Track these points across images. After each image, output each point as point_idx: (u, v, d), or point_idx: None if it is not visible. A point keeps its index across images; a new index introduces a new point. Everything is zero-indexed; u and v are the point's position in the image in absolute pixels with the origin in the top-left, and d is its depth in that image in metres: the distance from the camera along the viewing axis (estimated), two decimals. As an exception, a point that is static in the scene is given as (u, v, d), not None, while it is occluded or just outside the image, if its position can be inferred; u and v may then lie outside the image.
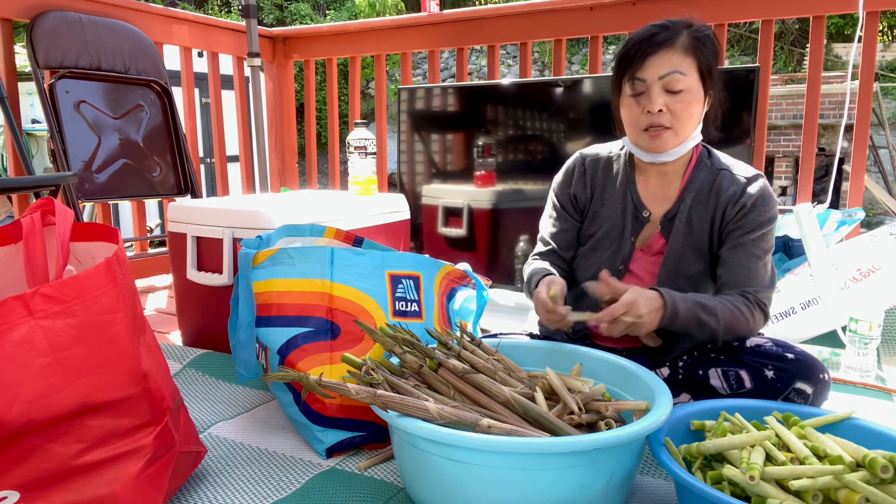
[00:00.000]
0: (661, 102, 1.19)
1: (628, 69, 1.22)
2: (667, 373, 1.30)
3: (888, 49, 9.28)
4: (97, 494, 0.89)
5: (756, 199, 1.24)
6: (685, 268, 1.28)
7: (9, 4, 2.17)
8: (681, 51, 1.19)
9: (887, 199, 6.01)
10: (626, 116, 1.26)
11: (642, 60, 1.20)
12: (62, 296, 0.87)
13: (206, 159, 6.32)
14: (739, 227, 1.24)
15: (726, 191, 1.26)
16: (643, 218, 1.32)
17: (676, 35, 1.19)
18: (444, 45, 2.83)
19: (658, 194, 1.32)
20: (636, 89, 1.22)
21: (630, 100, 1.23)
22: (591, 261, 1.36)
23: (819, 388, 1.15)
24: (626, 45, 1.24)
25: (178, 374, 1.64)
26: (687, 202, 1.28)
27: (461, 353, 1.14)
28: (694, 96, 1.20)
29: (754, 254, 1.23)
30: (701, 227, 1.28)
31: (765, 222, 1.24)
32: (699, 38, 1.20)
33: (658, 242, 1.32)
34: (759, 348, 1.20)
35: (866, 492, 0.82)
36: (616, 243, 1.33)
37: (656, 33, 1.20)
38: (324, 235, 1.57)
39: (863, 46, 2.10)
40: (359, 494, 1.07)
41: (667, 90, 1.19)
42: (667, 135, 1.21)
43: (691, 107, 1.21)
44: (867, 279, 1.78)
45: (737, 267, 1.23)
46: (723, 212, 1.26)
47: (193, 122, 2.83)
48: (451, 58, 10.92)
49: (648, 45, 1.19)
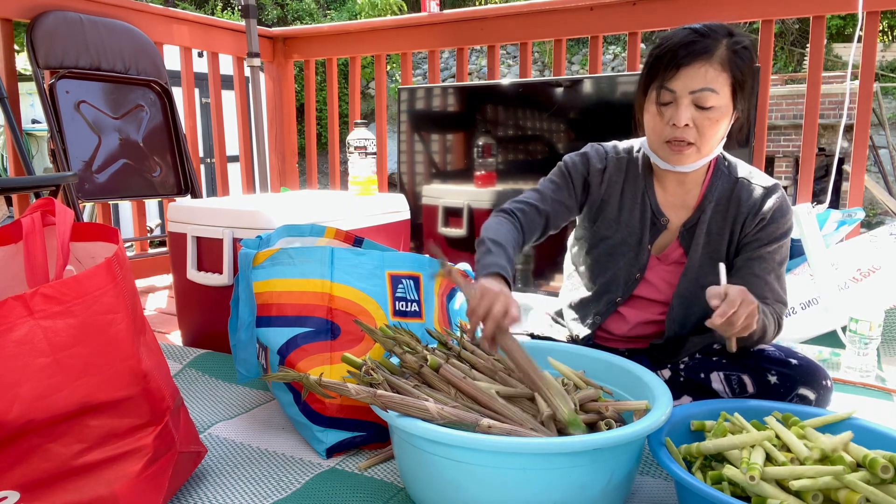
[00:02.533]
0: (688, 117, 1.14)
1: (659, 76, 1.15)
2: (668, 375, 1.30)
3: (888, 49, 9.28)
4: (97, 494, 0.89)
5: (775, 212, 1.22)
6: (703, 279, 1.25)
7: (9, 4, 2.17)
8: (717, 65, 1.12)
9: (887, 199, 6.01)
10: (650, 123, 1.21)
11: (675, 70, 1.13)
12: (62, 296, 0.87)
13: (206, 159, 6.32)
14: (757, 239, 1.22)
15: (746, 201, 1.23)
16: (661, 225, 1.29)
17: (715, 46, 1.12)
18: (445, 45, 2.83)
19: (676, 202, 1.29)
20: (663, 99, 1.16)
21: (656, 108, 1.18)
22: (608, 266, 1.32)
23: (822, 395, 1.15)
24: (661, 47, 1.16)
25: (178, 374, 1.64)
26: (707, 212, 1.25)
27: (461, 353, 1.14)
28: (723, 113, 1.15)
29: (770, 267, 1.21)
30: (720, 237, 1.26)
31: (782, 235, 1.22)
32: (739, 53, 1.13)
33: (676, 252, 1.29)
34: (763, 353, 1.20)
35: (866, 492, 0.82)
36: (634, 250, 1.30)
37: (694, 42, 1.12)
38: (324, 235, 1.57)
39: (863, 46, 2.10)
40: (359, 494, 1.07)
41: (696, 105, 1.13)
42: (689, 151, 1.17)
43: (718, 124, 1.15)
44: (867, 279, 1.78)
45: (752, 279, 1.21)
46: (742, 223, 1.23)
47: (193, 122, 2.83)
48: (451, 58, 10.92)
49: (685, 54, 1.12)
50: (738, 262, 1.24)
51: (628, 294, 1.31)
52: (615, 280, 1.31)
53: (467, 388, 1.01)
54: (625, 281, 1.30)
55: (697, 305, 1.26)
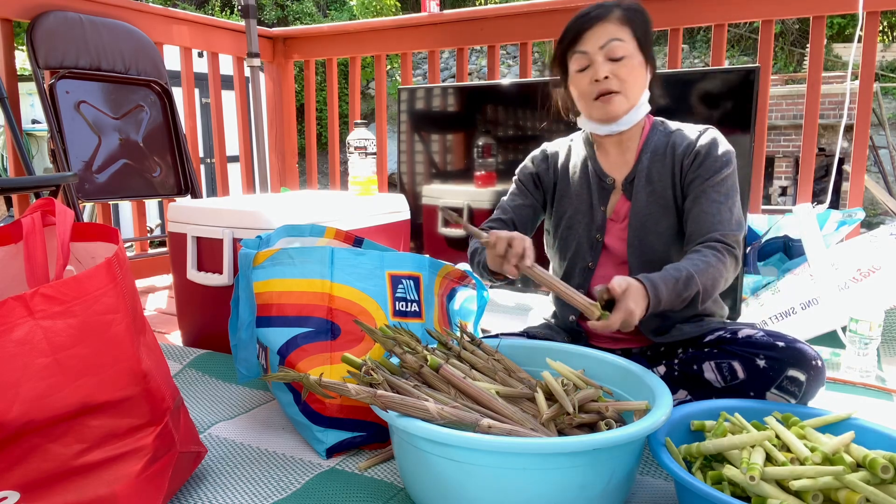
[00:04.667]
0: (607, 70, 1.25)
1: (570, 46, 1.29)
2: (663, 371, 1.30)
3: (888, 49, 9.28)
4: (97, 495, 0.89)
5: (709, 145, 1.29)
6: (652, 226, 1.31)
7: (9, 4, 2.17)
8: (615, 22, 1.26)
9: (887, 199, 6.01)
10: (577, 92, 1.32)
11: (581, 35, 1.27)
12: (62, 296, 0.87)
13: (206, 159, 6.32)
14: (698, 175, 1.28)
15: (680, 145, 1.31)
16: (608, 185, 1.36)
17: (608, 11, 1.27)
18: (445, 46, 2.83)
19: (618, 162, 1.37)
20: (580, 64, 1.28)
21: (578, 75, 1.29)
22: (571, 238, 1.39)
23: (812, 375, 1.14)
24: (564, 30, 1.31)
25: (178, 374, 1.64)
26: (644, 162, 1.33)
27: (461, 353, 1.14)
28: (636, 61, 1.27)
29: (716, 199, 1.26)
30: (662, 183, 1.32)
31: (721, 166, 1.27)
32: (630, 9, 1.28)
33: (624, 207, 1.35)
34: (751, 339, 1.21)
35: (867, 492, 0.82)
36: (588, 215, 1.37)
37: (589, 12, 1.28)
38: (324, 236, 1.57)
39: (863, 46, 2.10)
40: (359, 495, 1.07)
41: (609, 58, 1.25)
42: (618, 99, 1.26)
43: (635, 70, 1.27)
44: (867, 279, 1.78)
45: (701, 215, 1.26)
46: (680, 164, 1.31)
47: (193, 122, 2.83)
48: (451, 58, 10.92)
49: (584, 20, 1.27)
50: (687, 205, 1.29)
51: (597, 259, 1.37)
52: (580, 248, 1.38)
53: (467, 389, 1.01)
54: (589, 246, 1.37)
55: (651, 253, 1.31)
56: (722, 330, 1.26)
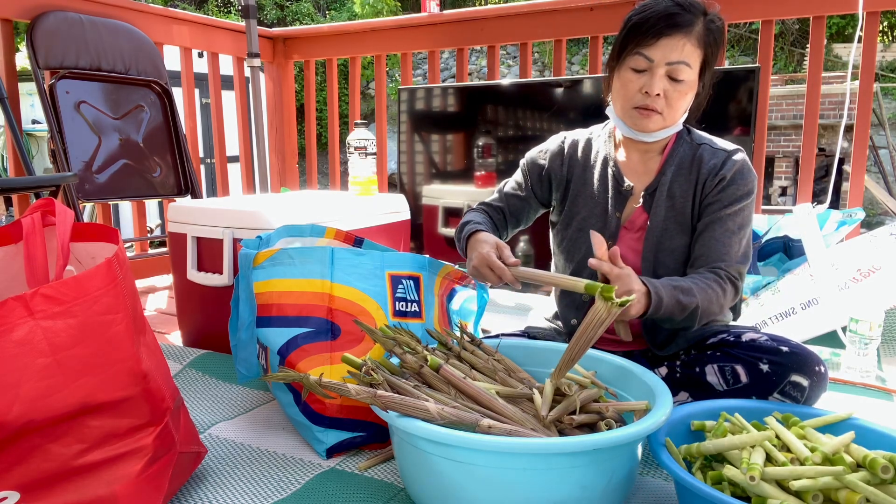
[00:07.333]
0: (661, 87, 1.18)
1: (637, 42, 1.18)
2: (665, 372, 1.30)
3: (888, 49, 9.28)
4: (97, 495, 0.89)
5: (735, 173, 1.25)
6: (668, 242, 1.28)
7: (9, 5, 2.17)
8: (694, 40, 1.17)
9: (887, 199, 6.01)
10: (620, 89, 1.24)
11: (655, 39, 1.16)
12: (62, 296, 0.87)
13: (206, 159, 6.32)
14: (717, 200, 1.25)
15: (707, 163, 1.27)
16: (625, 191, 1.31)
17: (695, 21, 1.17)
18: (445, 46, 2.83)
19: (639, 169, 1.32)
20: (639, 66, 1.19)
21: (630, 73, 1.21)
22: (582, 242, 1.35)
23: (815, 381, 1.14)
24: (641, 14, 1.19)
25: (178, 374, 1.64)
26: (668, 175, 1.29)
27: (461, 353, 1.14)
28: (690, 87, 1.22)
29: (730, 229, 1.24)
30: (683, 199, 1.28)
31: (742, 196, 1.25)
32: (713, 32, 1.20)
33: (640, 218, 1.32)
34: (754, 342, 1.20)
35: (867, 492, 0.82)
36: (602, 220, 1.33)
37: (676, 14, 1.16)
38: (324, 236, 1.57)
39: (863, 46, 2.10)
40: (359, 495, 1.07)
41: (669, 76, 1.18)
42: (656, 118, 1.22)
43: (685, 97, 1.22)
44: (867, 279, 1.78)
45: (711, 242, 1.24)
46: (703, 183, 1.27)
47: (193, 122, 2.83)
48: (451, 58, 10.92)
49: (666, 24, 1.16)
50: (700, 226, 1.27)
51: None
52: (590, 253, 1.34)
53: (467, 389, 1.01)
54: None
55: (664, 270, 1.28)
56: (725, 333, 1.26)
